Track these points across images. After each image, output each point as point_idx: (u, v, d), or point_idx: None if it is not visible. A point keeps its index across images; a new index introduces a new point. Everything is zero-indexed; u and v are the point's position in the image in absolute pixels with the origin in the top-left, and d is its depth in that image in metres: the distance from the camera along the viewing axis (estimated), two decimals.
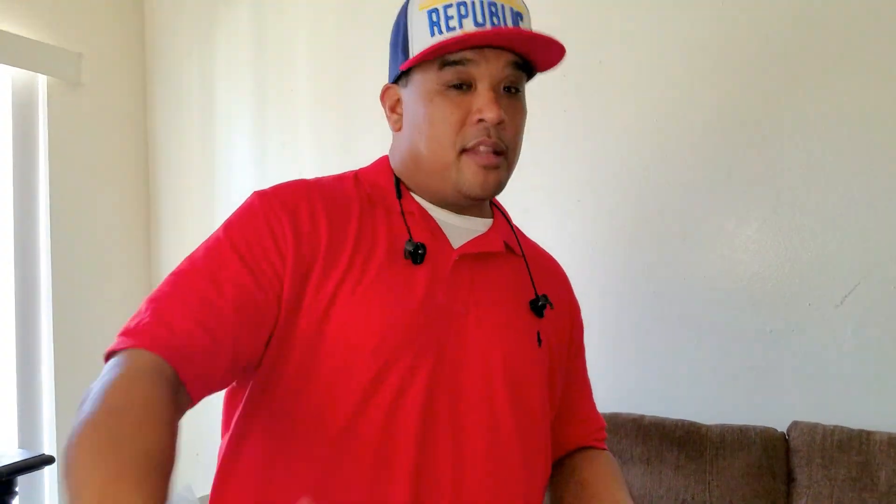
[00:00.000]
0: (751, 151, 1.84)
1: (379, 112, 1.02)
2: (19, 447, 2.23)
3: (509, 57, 0.90)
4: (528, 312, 0.99)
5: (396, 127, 0.98)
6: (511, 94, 0.93)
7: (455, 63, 0.89)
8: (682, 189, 1.92)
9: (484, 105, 0.88)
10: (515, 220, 1.14)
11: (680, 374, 1.93)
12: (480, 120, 0.89)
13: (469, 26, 0.86)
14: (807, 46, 1.78)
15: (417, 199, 0.98)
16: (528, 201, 2.06)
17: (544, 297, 1.00)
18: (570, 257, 1.98)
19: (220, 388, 0.84)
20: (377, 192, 0.98)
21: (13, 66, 2.17)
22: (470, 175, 0.91)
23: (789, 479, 1.66)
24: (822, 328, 1.79)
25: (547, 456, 1.03)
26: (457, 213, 0.98)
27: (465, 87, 0.90)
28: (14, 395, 2.27)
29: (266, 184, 0.96)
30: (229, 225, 0.88)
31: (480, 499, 0.89)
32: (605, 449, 1.14)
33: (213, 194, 2.62)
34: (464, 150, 0.90)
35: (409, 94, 0.94)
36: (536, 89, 2.00)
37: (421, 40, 0.89)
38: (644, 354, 1.97)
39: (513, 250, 1.03)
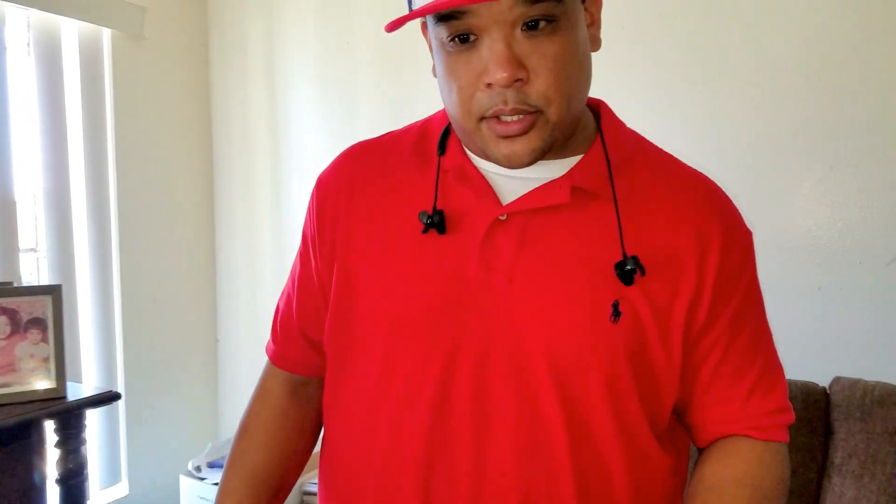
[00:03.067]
0: (808, 109, 1.80)
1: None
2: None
3: None
4: (609, 278, 0.76)
5: (434, 73, 0.81)
6: (536, 32, 0.70)
7: (449, 17, 0.71)
8: (737, 146, 1.89)
9: (490, 63, 0.70)
10: None
11: None
12: (489, 84, 0.71)
13: None
14: (846, 19, 1.72)
15: (469, 152, 0.83)
16: None
17: (633, 261, 0.75)
18: None
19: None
20: (428, 144, 0.86)
21: (80, 19, 2.26)
22: (493, 146, 0.75)
23: (827, 432, 1.67)
24: (871, 286, 1.77)
25: (636, 451, 0.80)
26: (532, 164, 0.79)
27: (471, 37, 0.71)
28: (91, 336, 2.44)
29: (325, 135, 0.98)
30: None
31: (508, 500, 0.77)
32: (766, 440, 0.84)
33: (274, 144, 2.69)
34: (483, 118, 0.74)
35: (431, 42, 0.79)
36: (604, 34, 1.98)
37: None
38: None
39: (595, 195, 0.79)
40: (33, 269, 2.30)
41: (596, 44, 0.79)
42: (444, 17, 0.71)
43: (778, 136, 1.85)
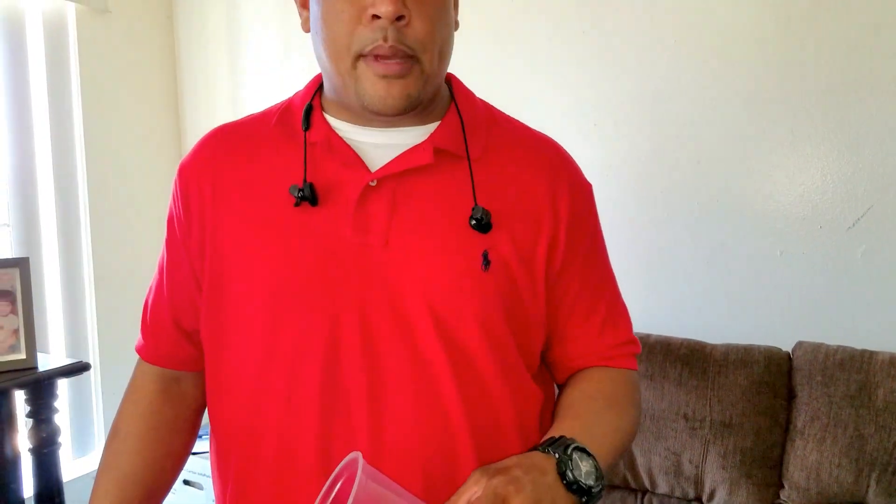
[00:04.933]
0: (768, 74, 1.83)
1: None
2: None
3: None
4: (471, 229, 0.83)
5: (306, 27, 0.86)
6: None
7: None
8: (696, 113, 1.92)
9: None
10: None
11: (689, 297, 1.97)
12: (375, 17, 0.75)
13: None
14: None
15: (332, 121, 0.87)
16: (545, 122, 2.07)
17: (482, 211, 0.83)
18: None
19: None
20: (292, 120, 0.89)
21: None
22: (368, 86, 0.78)
23: (790, 396, 1.71)
24: (832, 251, 1.81)
25: (516, 386, 0.88)
26: (384, 127, 0.86)
27: None
28: (60, 307, 2.43)
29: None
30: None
31: (407, 446, 0.81)
32: (620, 367, 0.94)
33: (238, 111, 2.67)
34: (361, 56, 0.78)
35: None
36: (554, 10, 2.01)
37: None
38: (655, 277, 2.01)
39: (456, 155, 0.86)
40: (4, 244, 2.28)
41: (456, 24, 0.87)
42: None
43: (734, 103, 1.87)
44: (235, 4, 2.64)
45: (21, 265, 1.53)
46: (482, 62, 2.16)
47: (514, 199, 0.86)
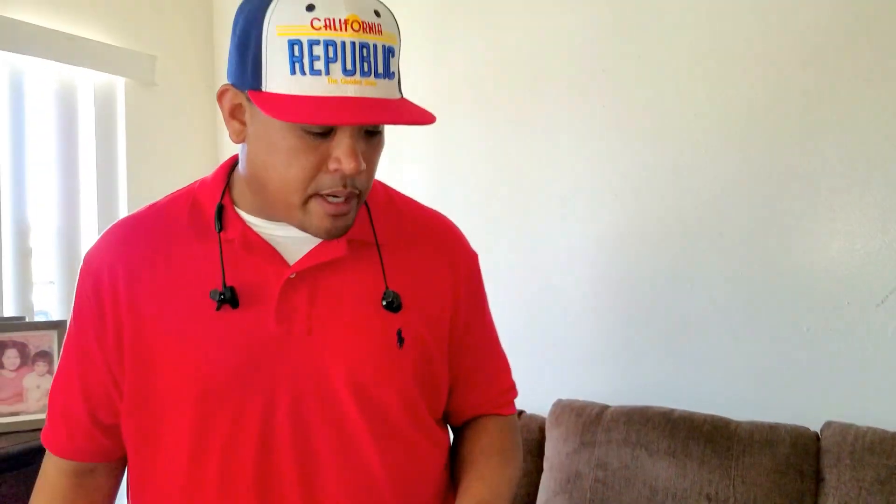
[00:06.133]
0: (792, 147, 1.82)
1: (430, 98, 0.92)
2: None
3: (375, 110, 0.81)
4: (385, 310, 0.91)
5: (239, 138, 0.86)
6: (373, 137, 0.84)
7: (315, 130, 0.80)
8: (720, 186, 1.91)
9: (343, 155, 0.79)
10: (551, 209, 1.05)
11: (714, 371, 1.93)
12: (337, 170, 0.80)
13: (337, 73, 0.74)
14: (847, 45, 1.74)
15: (247, 216, 0.90)
16: (566, 193, 2.10)
17: (393, 295, 0.90)
18: (604, 249, 2.03)
19: (120, 452, 0.98)
20: (202, 218, 0.91)
21: (95, 69, 2.37)
22: (316, 220, 0.84)
23: (818, 478, 1.65)
24: (861, 327, 1.76)
25: (426, 436, 0.99)
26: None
27: (328, 131, 0.80)
28: None
29: None
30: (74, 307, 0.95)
31: None
32: (505, 414, 1.09)
33: None
34: (315, 195, 0.82)
35: (259, 116, 0.81)
36: (577, 82, 2.04)
37: (279, 73, 0.75)
38: (678, 349, 1.98)
39: (366, 242, 0.94)
40: (51, 301, 2.38)
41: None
42: (310, 130, 0.79)
43: (758, 175, 1.86)
44: None
45: (59, 328, 1.60)
46: (503, 133, 2.20)
47: (420, 279, 0.96)
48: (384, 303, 0.90)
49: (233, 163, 0.95)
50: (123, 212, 2.53)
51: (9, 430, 1.57)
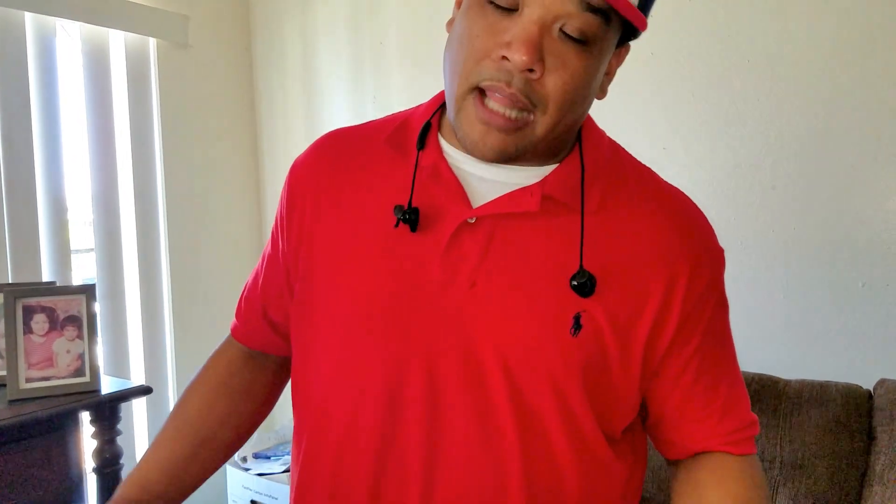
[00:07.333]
0: (846, 94, 1.73)
1: None
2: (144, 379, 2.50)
3: None
4: (570, 289, 0.76)
5: (449, 27, 0.78)
6: (570, 41, 0.69)
7: None
8: (772, 136, 1.83)
9: (515, 39, 0.67)
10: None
11: (763, 328, 1.87)
12: (505, 58, 0.68)
13: None
14: None
15: (445, 145, 0.82)
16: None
17: (588, 276, 0.75)
18: None
19: (289, 350, 0.96)
20: (407, 137, 0.84)
21: (126, 31, 2.35)
22: (466, 124, 0.73)
23: (869, 438, 1.59)
24: None
25: (590, 461, 0.81)
26: (496, 162, 0.77)
27: (512, 6, 0.68)
28: (139, 333, 2.54)
29: None
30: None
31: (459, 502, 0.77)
32: (741, 454, 0.85)
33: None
34: (476, 88, 0.71)
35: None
36: None
37: None
38: (731, 308, 1.91)
39: (567, 205, 0.78)
40: (90, 267, 2.40)
41: (604, 92, 0.79)
42: None
43: (812, 124, 1.77)
44: (312, 37, 2.71)
45: (87, 292, 1.60)
46: None
47: (624, 263, 0.78)
48: (574, 283, 0.75)
49: None
50: (160, 177, 2.53)
51: (39, 396, 1.59)
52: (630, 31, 0.74)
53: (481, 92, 0.71)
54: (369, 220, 0.81)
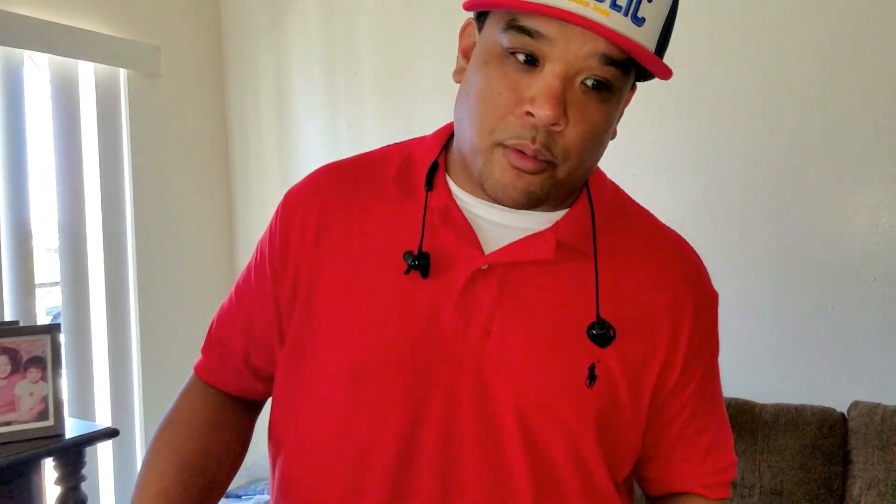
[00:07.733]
0: (813, 120, 1.77)
1: (438, 92, 0.76)
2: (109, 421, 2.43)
3: (601, 46, 0.66)
4: (586, 339, 0.75)
5: (458, 77, 0.77)
6: (591, 92, 0.68)
7: (523, 31, 0.67)
8: (739, 162, 1.86)
9: (539, 95, 0.66)
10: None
11: (737, 353, 1.88)
12: (529, 113, 0.67)
13: None
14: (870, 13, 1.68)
15: (454, 187, 0.80)
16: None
17: (608, 326, 0.74)
18: None
19: (267, 395, 0.92)
20: (413, 177, 0.81)
21: (96, 62, 2.33)
22: (497, 172, 0.71)
23: (845, 461, 1.59)
24: (887, 305, 1.71)
25: None
26: (507, 207, 0.76)
27: (532, 60, 0.68)
28: (106, 372, 2.46)
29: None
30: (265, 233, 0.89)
31: None
32: (716, 498, 0.86)
33: (287, 174, 2.73)
34: (501, 144, 0.70)
35: (479, 43, 0.74)
36: None
37: None
38: None
39: (580, 251, 0.78)
40: (55, 301, 2.35)
41: (615, 134, 0.78)
42: (519, 28, 0.67)
43: (779, 150, 1.80)
44: (286, 66, 2.71)
45: (52, 332, 1.55)
46: None
47: (634, 310, 0.78)
48: (593, 332, 0.74)
49: (450, 128, 0.84)
50: (129, 209, 2.49)
51: (0, 442, 1.51)
52: (641, 72, 0.74)
53: (505, 147, 0.71)
54: (377, 264, 0.78)
